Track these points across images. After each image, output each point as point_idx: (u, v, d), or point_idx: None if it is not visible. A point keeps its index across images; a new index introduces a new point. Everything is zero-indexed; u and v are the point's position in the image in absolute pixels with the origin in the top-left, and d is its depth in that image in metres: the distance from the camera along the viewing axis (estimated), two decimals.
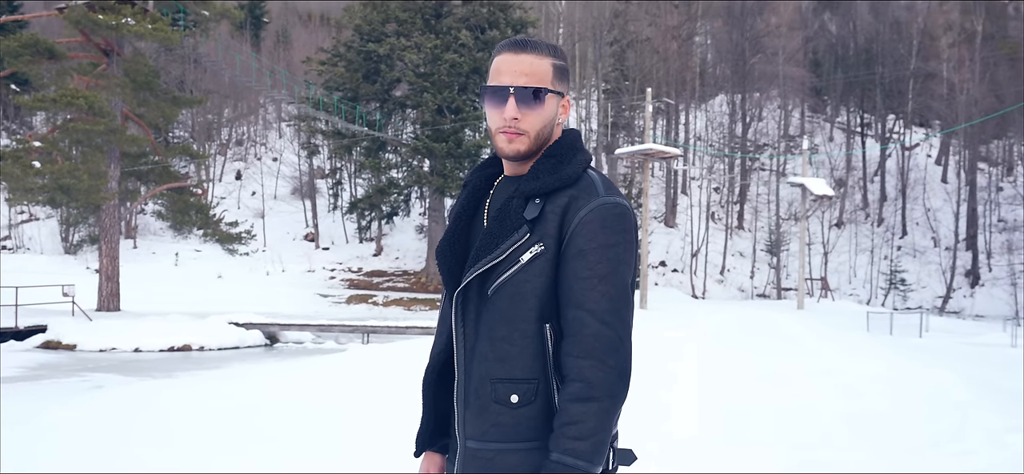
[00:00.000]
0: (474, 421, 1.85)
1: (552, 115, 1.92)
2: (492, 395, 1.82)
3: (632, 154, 35.31)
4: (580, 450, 1.70)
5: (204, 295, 34.49)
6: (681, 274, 48.65)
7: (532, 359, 1.80)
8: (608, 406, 1.73)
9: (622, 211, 1.81)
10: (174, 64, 54.18)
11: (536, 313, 1.80)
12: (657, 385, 10.20)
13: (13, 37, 25.16)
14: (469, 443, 1.86)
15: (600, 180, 1.86)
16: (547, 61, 1.92)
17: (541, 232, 1.81)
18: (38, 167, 24.15)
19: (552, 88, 1.91)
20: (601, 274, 1.76)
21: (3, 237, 48.90)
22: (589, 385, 1.72)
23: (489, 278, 1.83)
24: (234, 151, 63.00)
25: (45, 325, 22.57)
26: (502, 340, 1.81)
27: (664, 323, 21.46)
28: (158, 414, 8.95)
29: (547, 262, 1.80)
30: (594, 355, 1.73)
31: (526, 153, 1.90)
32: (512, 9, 42.75)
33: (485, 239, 1.85)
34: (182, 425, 8.11)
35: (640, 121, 50.68)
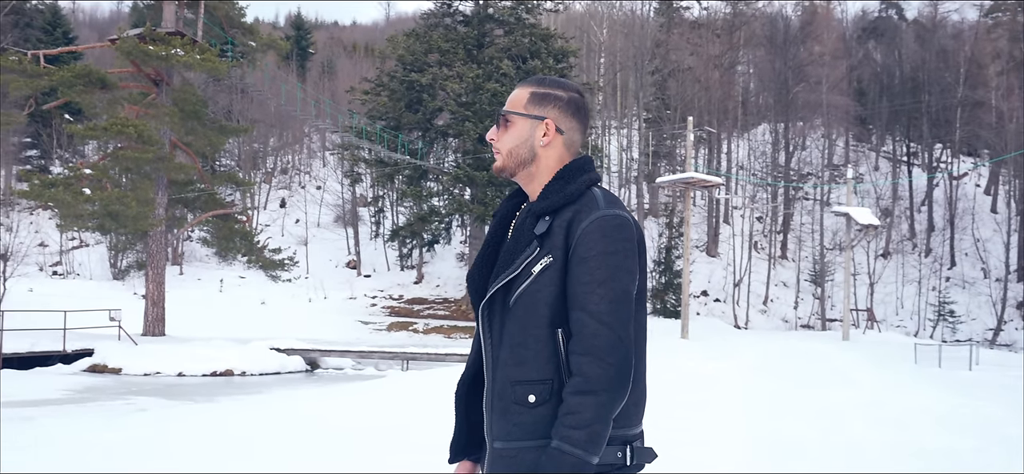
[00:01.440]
0: (499, 422, 2.00)
1: (524, 137, 2.11)
2: (513, 396, 1.97)
3: (673, 183, 35.09)
4: (576, 438, 1.82)
5: (247, 321, 34.85)
6: (723, 304, 48.13)
7: (546, 361, 1.95)
8: (605, 400, 1.85)
9: (621, 222, 1.96)
10: (222, 94, 55.24)
11: (548, 319, 1.95)
12: (698, 415, 10.07)
13: (67, 68, 25.81)
14: (495, 444, 2.01)
15: (602, 195, 2.02)
16: (527, 90, 2.14)
17: (550, 245, 1.97)
18: (88, 194, 24.68)
19: (522, 111, 2.11)
20: (600, 279, 1.90)
21: (54, 263, 49.99)
22: (587, 379, 1.85)
23: (510, 291, 2.00)
24: (279, 179, 63.89)
25: (92, 349, 22.95)
26: (519, 345, 1.97)
27: (705, 353, 21.21)
28: (198, 438, 9.03)
29: (556, 272, 1.95)
30: (592, 352, 1.87)
31: (501, 169, 2.14)
32: (553, 39, 42.94)
33: (504, 256, 2.04)
34: (221, 449, 8.16)
35: (682, 150, 50.42)
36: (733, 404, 11.39)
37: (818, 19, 64.66)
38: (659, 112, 53.13)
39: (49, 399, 15.70)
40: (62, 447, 8.88)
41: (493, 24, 43.73)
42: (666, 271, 45.57)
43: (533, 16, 44.10)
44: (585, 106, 2.17)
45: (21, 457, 8.28)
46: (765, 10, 60.40)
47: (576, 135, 2.14)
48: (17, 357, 21.74)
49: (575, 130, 2.14)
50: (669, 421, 9.69)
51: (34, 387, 17.58)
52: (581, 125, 2.15)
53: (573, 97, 2.14)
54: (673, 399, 11.80)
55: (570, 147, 2.13)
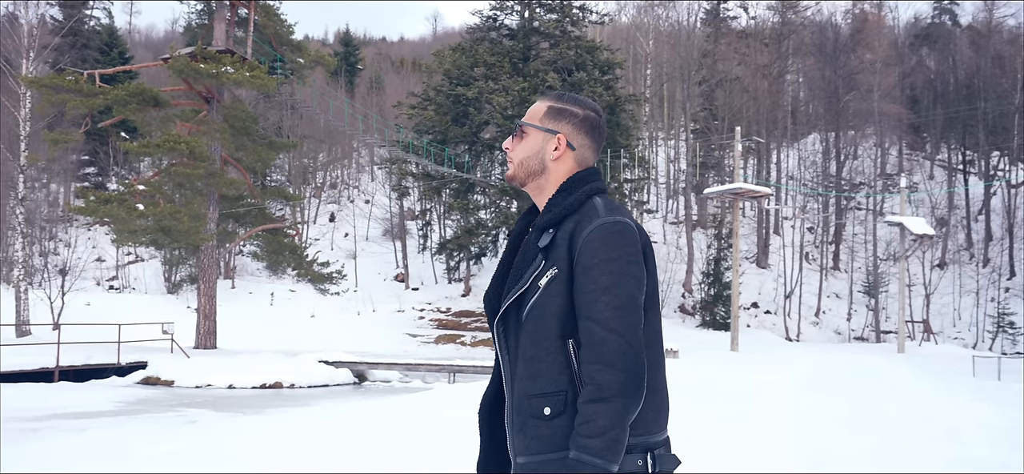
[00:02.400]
0: (518, 437, 2.00)
1: (536, 149, 2.15)
2: (529, 410, 1.97)
3: (721, 194, 34.76)
4: (592, 447, 1.82)
5: (297, 334, 35.25)
6: (774, 316, 47.44)
7: (558, 373, 1.95)
8: (619, 406, 1.84)
9: (621, 228, 1.96)
10: (272, 110, 56.13)
11: (557, 331, 1.96)
12: (744, 428, 9.91)
13: (122, 87, 26.44)
14: (518, 459, 2.01)
15: (603, 204, 2.03)
16: (545, 104, 2.19)
17: (554, 258, 1.99)
18: (142, 210, 25.20)
19: (537, 124, 2.16)
20: (604, 286, 1.90)
21: (111, 277, 51.13)
22: (599, 387, 1.85)
23: (522, 307, 2.01)
24: (328, 194, 64.66)
25: (145, 361, 23.37)
26: (531, 359, 1.98)
27: (755, 365, 20.91)
28: (246, 450, 9.12)
29: (562, 283, 1.96)
30: (602, 360, 1.87)
31: (512, 178, 2.19)
32: (599, 51, 42.86)
33: (513, 272, 2.06)
34: (268, 461, 8.24)
35: (730, 160, 49.90)
36: (781, 417, 11.18)
37: (869, 26, 63.62)
38: (707, 123, 52.67)
39: (103, 411, 16.00)
40: (112, 458, 9.04)
41: (538, 37, 43.79)
42: (715, 283, 45.07)
43: (578, 29, 44.06)
44: (600, 125, 2.19)
45: (73, 467, 8.45)
46: (814, 18, 59.61)
47: (588, 153, 2.17)
48: (74, 369, 22.23)
49: (587, 148, 2.17)
50: (716, 432, 9.55)
51: (89, 399, 17.94)
52: (594, 143, 2.18)
53: (589, 115, 2.17)
54: (721, 411, 11.64)
55: (582, 164, 2.15)
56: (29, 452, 9.94)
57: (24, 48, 29.91)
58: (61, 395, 18.30)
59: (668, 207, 59.52)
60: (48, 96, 25.98)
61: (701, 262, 47.88)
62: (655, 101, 62.98)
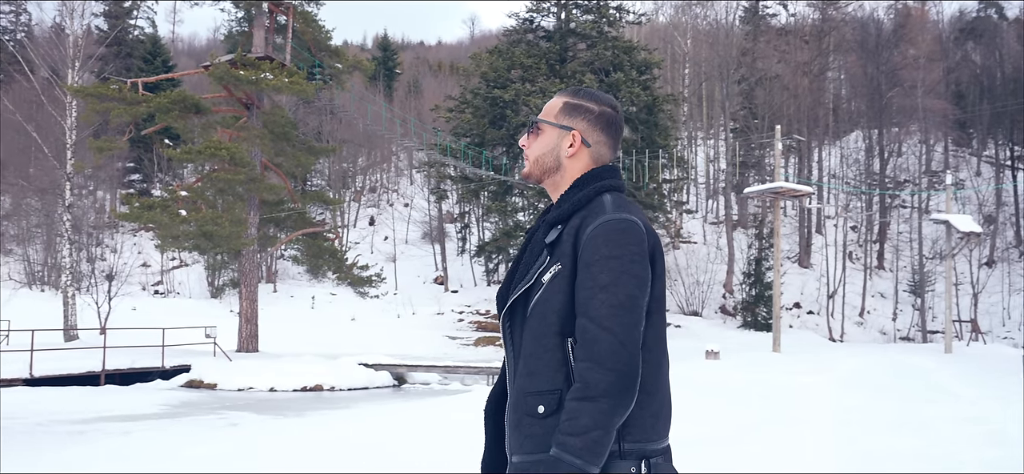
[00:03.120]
0: (514, 435, 1.98)
1: (551, 146, 2.13)
2: (525, 408, 1.94)
3: (762, 193, 34.38)
4: (572, 446, 1.79)
5: (337, 337, 35.50)
6: (817, 316, 46.81)
7: (555, 371, 1.92)
8: (605, 407, 1.80)
9: (627, 226, 1.92)
10: (312, 116, 56.70)
11: (557, 328, 1.93)
12: (787, 430, 9.77)
13: (164, 94, 26.87)
14: (513, 458, 1.97)
15: (611, 200, 2.00)
16: (561, 100, 2.17)
17: (559, 253, 1.96)
18: (184, 215, 25.57)
19: (552, 121, 2.14)
20: (602, 284, 1.86)
21: (156, 282, 51.98)
22: (586, 385, 1.82)
23: (527, 303, 1.99)
24: (368, 198, 65.14)
25: (189, 365, 23.69)
26: (530, 356, 1.96)
27: (797, 367, 20.62)
28: (286, 452, 9.21)
29: (564, 280, 1.94)
30: (593, 358, 1.83)
31: (528, 175, 2.19)
32: (636, 51, 42.65)
33: (521, 268, 2.06)
34: (307, 462, 8.29)
35: (770, 159, 49.36)
36: (824, 418, 11.01)
37: (912, 21, 62.51)
38: (746, 121, 52.16)
39: (147, 413, 16.24)
40: (155, 460, 9.18)
41: (575, 38, 43.71)
42: (756, 283, 44.60)
43: (615, 29, 43.91)
44: (617, 121, 2.16)
45: (117, 469, 8.59)
46: (855, 14, 58.74)
47: (604, 149, 2.14)
48: (119, 373, 22.61)
49: (603, 144, 2.14)
50: (757, 435, 9.43)
51: (134, 402, 18.22)
52: (610, 140, 2.15)
53: (604, 111, 2.14)
54: (762, 413, 11.49)
55: (597, 160, 2.13)
56: (75, 454, 10.13)
57: (70, 58, 30.52)
58: (107, 398, 18.60)
59: (708, 207, 59.07)
60: (93, 105, 26.48)
61: (742, 262, 47.42)
62: (694, 100, 62.53)
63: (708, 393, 14.42)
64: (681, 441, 8.76)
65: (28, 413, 15.24)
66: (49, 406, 16.47)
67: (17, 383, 20.16)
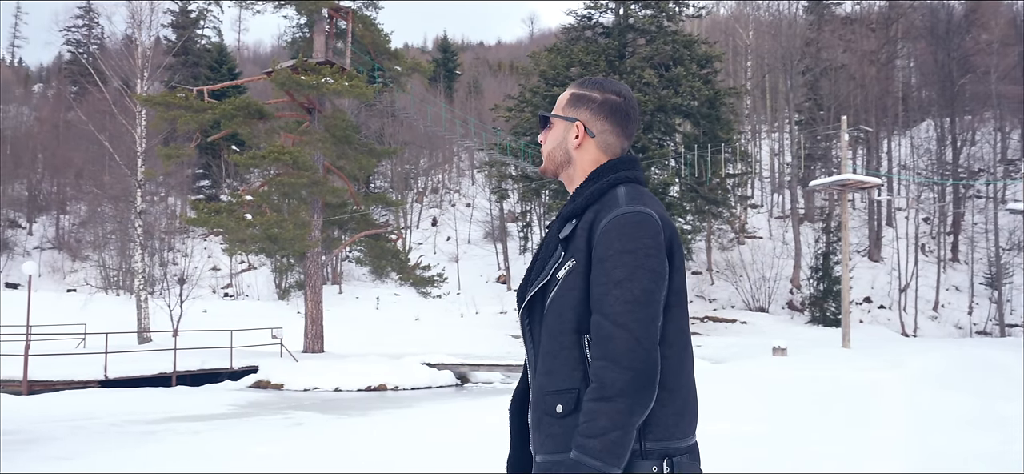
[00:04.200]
0: (535, 435, 1.94)
1: (560, 139, 2.11)
2: (544, 407, 1.90)
3: (828, 186, 33.62)
4: (591, 448, 1.75)
5: (401, 337, 35.82)
6: (889, 311, 45.63)
7: (572, 369, 1.87)
8: (622, 407, 1.76)
9: (641, 219, 1.87)
10: (374, 118, 57.36)
11: (573, 325, 1.88)
12: (854, 428, 9.51)
13: (228, 101, 27.45)
14: (537, 457, 1.93)
15: (625, 193, 1.94)
16: (568, 91, 2.15)
17: (574, 249, 1.92)
18: (250, 219, 26.08)
19: (559, 114, 2.13)
20: (616, 279, 1.82)
21: (226, 285, 53.17)
22: (603, 385, 1.78)
23: (545, 300, 1.95)
24: (430, 198, 65.65)
25: (256, 366, 24.15)
26: (547, 354, 1.91)
27: (867, 363, 20.11)
28: (349, 450, 9.29)
29: (579, 276, 1.89)
30: (608, 356, 1.78)
31: (543, 171, 2.17)
32: (696, 45, 42.11)
33: (537, 265, 2.02)
34: (370, 461, 8.35)
35: (837, 151, 48.28)
36: (895, 416, 10.69)
37: (984, 5, 60.46)
38: (812, 113, 51.12)
39: (216, 413, 16.59)
40: (222, 459, 9.35)
41: (634, 34, 43.37)
42: (824, 278, 43.70)
43: (675, 23, 43.42)
44: (623, 108, 2.09)
45: (186, 468, 8.78)
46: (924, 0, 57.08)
47: (611, 137, 2.08)
48: (190, 374, 23.15)
49: (609, 132, 2.08)
50: (823, 433, 9.20)
51: (203, 402, 18.64)
52: (617, 127, 2.08)
53: (608, 99, 2.08)
54: (829, 411, 11.22)
55: (607, 150, 2.08)
56: (146, 453, 10.39)
57: (139, 68, 31.36)
58: (178, 399, 19.07)
59: (773, 201, 58.09)
60: (161, 113, 27.20)
61: (809, 257, 46.52)
62: (757, 93, 61.54)
63: (774, 390, 14.15)
64: (742, 438, 8.60)
65: (102, 413, 15.70)
66: (123, 407, 16.93)
67: (93, 385, 20.79)
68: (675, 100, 40.27)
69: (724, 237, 51.33)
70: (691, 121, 42.70)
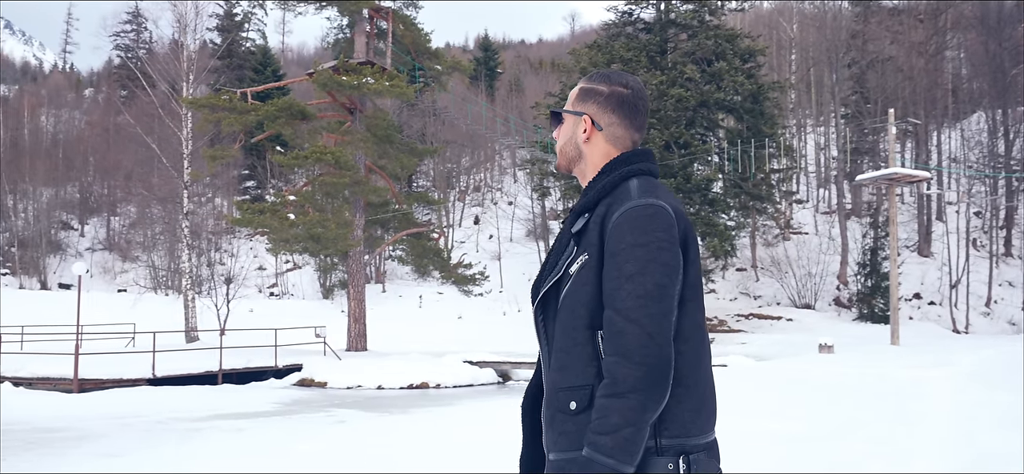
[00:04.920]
0: (548, 432, 1.91)
1: (569, 134, 2.11)
2: (557, 404, 1.88)
3: (875, 180, 33.08)
4: (603, 445, 1.73)
5: (444, 335, 36.00)
6: (939, 307, 44.71)
7: (585, 365, 1.85)
8: (634, 403, 1.73)
9: (653, 212, 1.84)
10: (416, 118, 57.66)
11: (586, 321, 1.86)
12: (898, 427, 9.33)
13: (271, 103, 27.79)
14: (550, 455, 1.91)
15: (638, 185, 1.92)
16: (577, 87, 2.13)
17: (586, 243, 1.90)
18: (293, 219, 26.38)
19: (568, 109, 2.11)
20: (628, 273, 1.79)
21: (271, 285, 53.85)
22: (615, 381, 1.76)
23: (558, 295, 1.93)
24: (472, 197, 65.82)
25: (300, 364, 24.42)
26: (560, 350, 1.89)
27: (916, 360, 19.73)
28: (390, 448, 9.35)
29: (592, 270, 1.87)
30: (620, 352, 1.76)
31: (557, 168, 2.16)
32: (739, 39, 41.64)
33: (550, 260, 2.00)
34: (410, 458, 8.39)
35: (884, 145, 47.44)
36: (942, 415, 10.46)
37: None
38: (858, 106, 50.26)
39: (260, 411, 16.80)
40: (264, 456, 9.46)
41: (676, 29, 43.00)
42: (872, 274, 42.97)
43: (717, 17, 42.97)
44: (630, 99, 2.06)
45: (228, 465, 8.89)
46: None
47: (619, 130, 2.06)
48: (235, 372, 23.48)
49: (617, 125, 2.06)
50: (865, 433, 9.04)
51: (248, 400, 18.89)
52: (626, 120, 2.06)
53: (615, 91, 2.06)
54: (872, 409, 11.02)
55: (616, 142, 2.06)
56: (190, 449, 10.56)
57: (184, 72, 31.89)
58: (223, 397, 19.35)
59: (819, 196, 57.28)
60: (206, 115, 27.63)
61: (856, 252, 45.78)
62: (802, 87, 60.71)
63: (819, 388, 13.95)
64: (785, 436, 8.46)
65: (150, 411, 15.98)
66: (169, 404, 17.23)
67: (141, 383, 21.19)
68: (718, 95, 39.87)
69: (769, 233, 50.74)
70: (734, 116, 42.23)
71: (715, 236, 38.16)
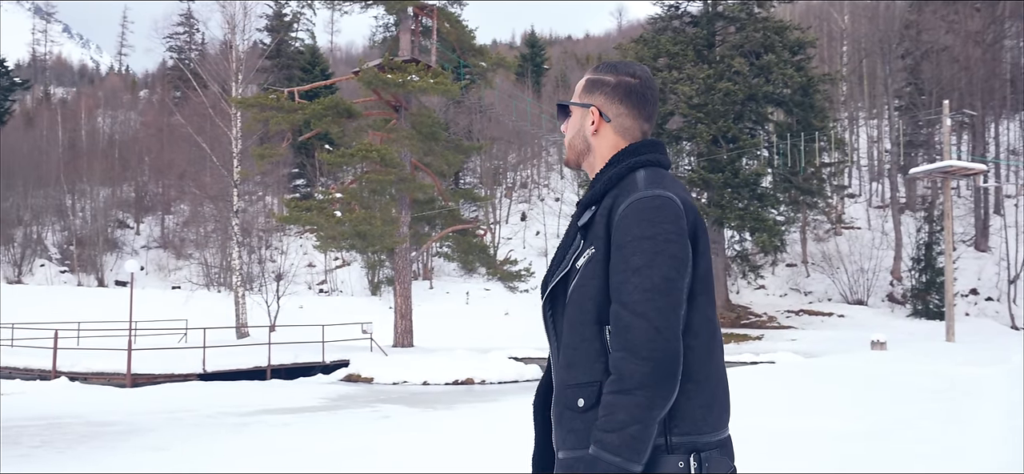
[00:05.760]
0: (557, 430, 1.88)
1: (578, 127, 2.06)
2: (565, 401, 1.85)
3: (929, 173, 32.34)
4: (610, 443, 1.69)
5: (490, 331, 36.05)
6: (997, 303, 43.59)
7: (593, 361, 1.81)
8: (641, 400, 1.69)
9: (660, 203, 1.79)
10: (462, 115, 57.84)
11: (594, 316, 1.82)
12: (949, 426, 9.10)
13: (318, 101, 28.10)
14: (559, 453, 1.87)
15: (645, 176, 1.88)
16: (584, 78, 2.10)
17: (593, 236, 1.86)
18: (339, 216, 26.65)
19: (576, 101, 2.07)
20: (635, 267, 1.75)
21: (321, 282, 54.46)
22: (621, 377, 1.72)
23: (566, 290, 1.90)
24: (519, 193, 65.83)
25: (347, 360, 24.66)
26: (568, 346, 1.86)
27: (971, 357, 19.25)
28: (431, 443, 9.39)
29: (598, 264, 1.83)
30: (626, 347, 1.72)
31: (566, 163, 2.12)
32: (788, 31, 41.01)
33: (557, 254, 1.98)
34: (450, 452, 8.40)
35: (939, 137, 46.37)
36: (996, 413, 10.17)
37: None
38: (912, 98, 49.17)
39: (306, 406, 16.97)
40: (308, 450, 9.56)
41: (723, 22, 42.53)
42: (927, 269, 42.04)
43: (765, 9, 42.38)
44: (638, 89, 2.02)
45: (276, 460, 9.01)
46: None
47: (627, 121, 2.01)
48: (284, 368, 23.80)
49: (625, 115, 2.01)
50: (914, 431, 8.84)
51: (295, 395, 19.11)
52: (633, 109, 2.01)
53: (622, 81, 2.02)
54: (923, 407, 10.78)
55: (625, 134, 2.01)
56: (237, 444, 10.71)
57: (233, 72, 32.38)
58: (271, 392, 19.61)
59: (872, 190, 56.22)
60: (255, 115, 28.03)
61: (910, 247, 44.82)
62: (853, 79, 59.59)
63: (870, 385, 13.69)
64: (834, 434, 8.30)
65: (199, 406, 16.24)
66: (219, 400, 17.49)
67: (192, 378, 21.59)
68: (766, 88, 39.34)
69: (820, 228, 49.95)
70: (783, 109, 41.63)
71: (764, 231, 37.68)
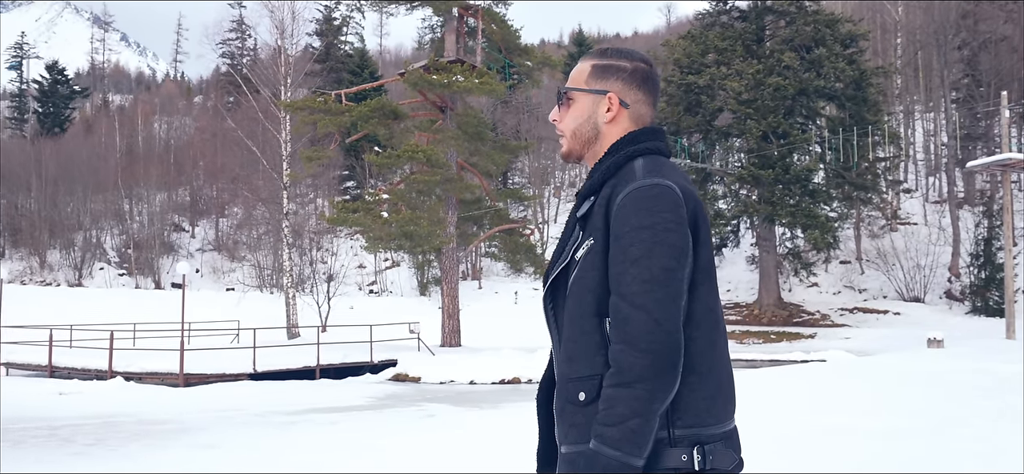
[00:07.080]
0: (559, 424, 1.85)
1: (587, 114, 1.97)
2: (566, 395, 1.82)
3: (988, 166, 31.53)
4: (610, 437, 1.66)
5: (538, 331, 35.96)
6: None
7: (593, 354, 1.78)
8: (641, 393, 1.65)
9: (660, 192, 1.75)
10: (510, 115, 57.95)
11: (593, 308, 1.79)
12: (1003, 424, 8.84)
13: (365, 103, 28.36)
14: (562, 448, 1.84)
15: (643, 165, 1.83)
16: (589, 63, 2.00)
17: (591, 227, 1.83)
18: (386, 217, 26.86)
19: (583, 87, 1.97)
20: (633, 257, 1.71)
21: (371, 282, 55.00)
22: (620, 370, 1.68)
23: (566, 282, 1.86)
24: (567, 192, 65.73)
25: (395, 360, 24.84)
26: (568, 339, 1.83)
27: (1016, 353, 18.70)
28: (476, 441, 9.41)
29: (597, 255, 1.79)
30: (625, 340, 1.68)
31: (568, 154, 2.03)
32: (840, 24, 40.29)
33: (557, 247, 1.93)
34: (493, 451, 8.40)
35: (998, 130, 45.16)
36: None
37: None
38: (970, 90, 47.99)
39: (354, 405, 17.12)
40: (354, 448, 9.65)
41: (773, 16, 41.96)
42: (986, 265, 40.99)
43: (816, 2, 41.70)
44: (653, 76, 1.99)
45: (320, 458, 9.11)
46: None
47: (643, 108, 1.97)
48: (333, 368, 24.06)
49: (642, 102, 1.97)
50: (967, 430, 8.61)
51: (344, 395, 19.31)
52: (648, 97, 1.97)
53: (638, 67, 1.98)
54: (976, 406, 10.50)
55: (638, 121, 1.96)
56: (285, 442, 10.85)
57: (283, 76, 32.84)
58: (320, 391, 19.83)
59: (928, 185, 54.98)
60: (303, 118, 28.39)
61: (968, 243, 43.74)
62: (908, 72, 58.32)
63: (924, 383, 13.40)
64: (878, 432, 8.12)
65: (249, 405, 16.48)
66: (268, 399, 17.74)
67: (242, 378, 21.93)
68: (818, 83, 38.71)
69: (875, 224, 49.00)
70: (835, 104, 40.92)
71: (816, 228, 37.09)
